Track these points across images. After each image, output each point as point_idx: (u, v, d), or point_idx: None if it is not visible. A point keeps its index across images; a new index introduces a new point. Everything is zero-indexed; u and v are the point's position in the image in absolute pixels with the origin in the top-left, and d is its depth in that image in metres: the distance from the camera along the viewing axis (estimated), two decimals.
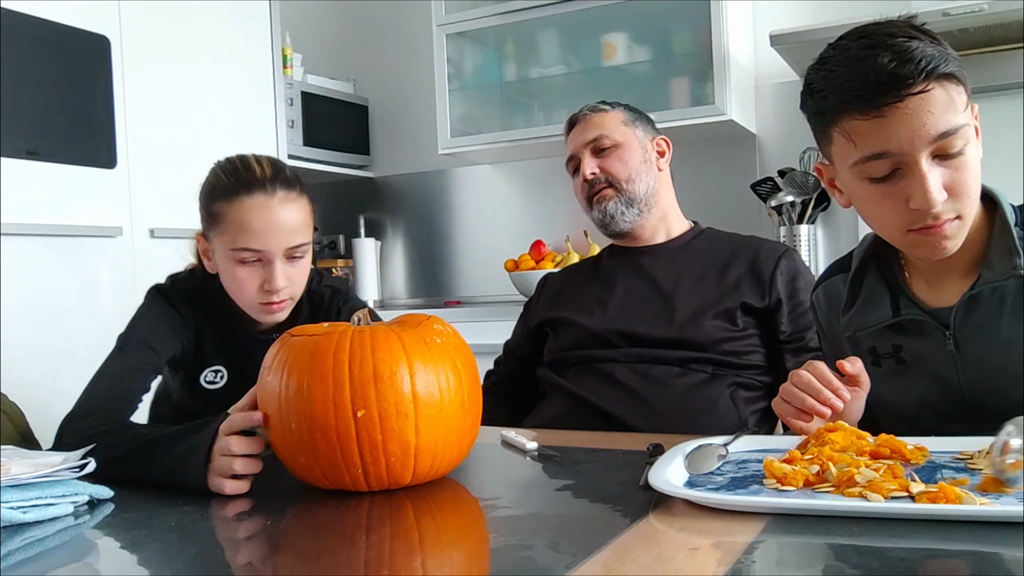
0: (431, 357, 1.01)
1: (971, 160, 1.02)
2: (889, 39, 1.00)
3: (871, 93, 0.99)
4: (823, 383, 1.04)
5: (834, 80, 1.02)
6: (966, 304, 1.09)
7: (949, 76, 0.99)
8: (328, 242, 3.72)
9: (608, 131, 1.69)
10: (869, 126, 1.01)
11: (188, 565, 0.80)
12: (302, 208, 1.38)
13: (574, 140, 1.73)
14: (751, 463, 0.99)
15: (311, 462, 0.99)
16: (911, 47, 0.98)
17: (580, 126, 1.73)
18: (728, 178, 3.01)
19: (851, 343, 1.21)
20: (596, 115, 1.72)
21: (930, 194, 0.99)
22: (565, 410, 1.57)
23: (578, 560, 0.72)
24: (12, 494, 0.93)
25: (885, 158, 1.01)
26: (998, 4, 2.25)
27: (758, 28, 2.97)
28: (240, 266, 1.33)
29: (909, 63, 0.97)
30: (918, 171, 1.00)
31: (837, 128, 1.04)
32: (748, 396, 1.54)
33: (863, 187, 1.06)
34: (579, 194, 1.73)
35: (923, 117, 0.98)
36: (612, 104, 1.74)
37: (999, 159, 2.65)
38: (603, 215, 1.68)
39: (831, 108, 1.04)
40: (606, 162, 1.68)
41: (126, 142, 2.57)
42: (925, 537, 0.74)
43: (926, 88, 0.98)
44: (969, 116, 1.02)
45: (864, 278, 1.20)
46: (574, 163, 1.73)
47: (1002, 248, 1.07)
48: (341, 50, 3.78)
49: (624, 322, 1.60)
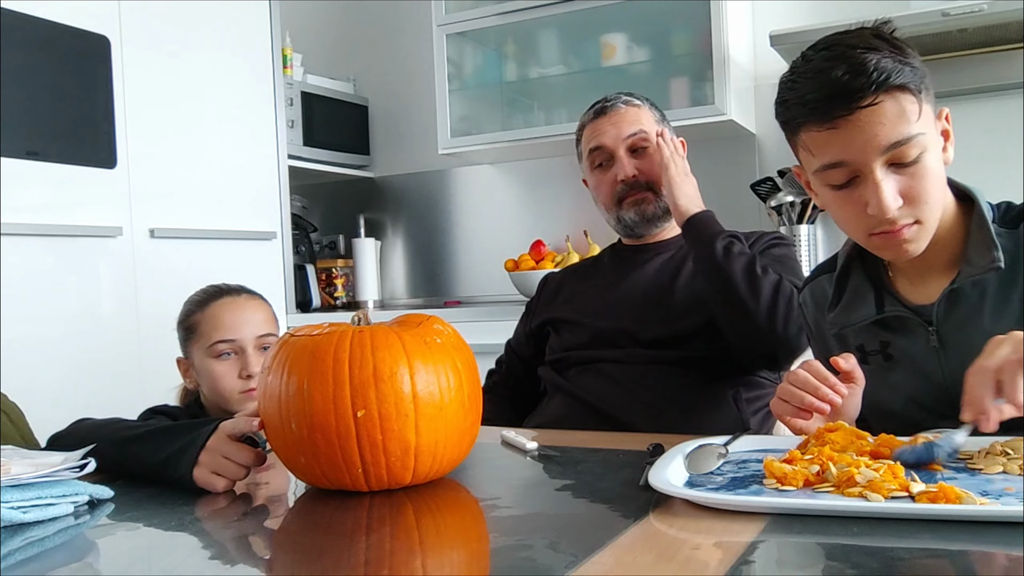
0: (431, 357, 1.01)
1: (929, 167, 1.05)
2: (849, 50, 1.04)
3: (824, 106, 1.03)
4: (819, 380, 1.04)
5: (797, 91, 1.07)
6: (948, 299, 1.11)
7: (901, 87, 1.02)
8: (328, 242, 3.72)
9: (646, 126, 1.62)
10: (825, 137, 1.05)
11: (188, 565, 0.80)
12: (267, 308, 1.56)
13: (607, 132, 1.63)
14: (751, 463, 0.99)
15: (311, 462, 0.99)
16: (866, 59, 1.02)
17: (613, 117, 1.64)
18: (728, 178, 3.01)
19: (838, 341, 1.23)
20: (631, 109, 1.64)
21: (883, 202, 1.04)
22: (566, 410, 1.57)
23: (578, 560, 0.72)
24: (12, 494, 0.93)
25: (842, 167, 1.06)
26: (998, 4, 2.25)
27: (758, 28, 2.97)
28: (217, 361, 1.47)
29: (861, 76, 1.01)
30: (872, 180, 1.04)
31: (800, 138, 1.10)
32: (749, 396, 1.54)
33: (826, 193, 1.11)
34: (606, 192, 1.65)
35: (874, 129, 1.02)
36: (641, 98, 1.68)
37: (999, 159, 2.66)
38: (640, 218, 1.63)
39: (793, 118, 1.09)
40: (645, 164, 1.62)
41: (126, 142, 2.57)
42: (925, 537, 0.74)
43: (875, 101, 1.01)
44: (927, 124, 1.05)
45: (849, 277, 1.22)
46: (602, 156, 1.64)
47: (980, 243, 1.09)
48: (341, 50, 3.78)
49: (625, 322, 1.59)
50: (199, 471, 1.04)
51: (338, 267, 3.58)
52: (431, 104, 3.29)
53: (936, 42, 2.53)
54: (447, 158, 3.39)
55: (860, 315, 1.19)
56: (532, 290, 1.88)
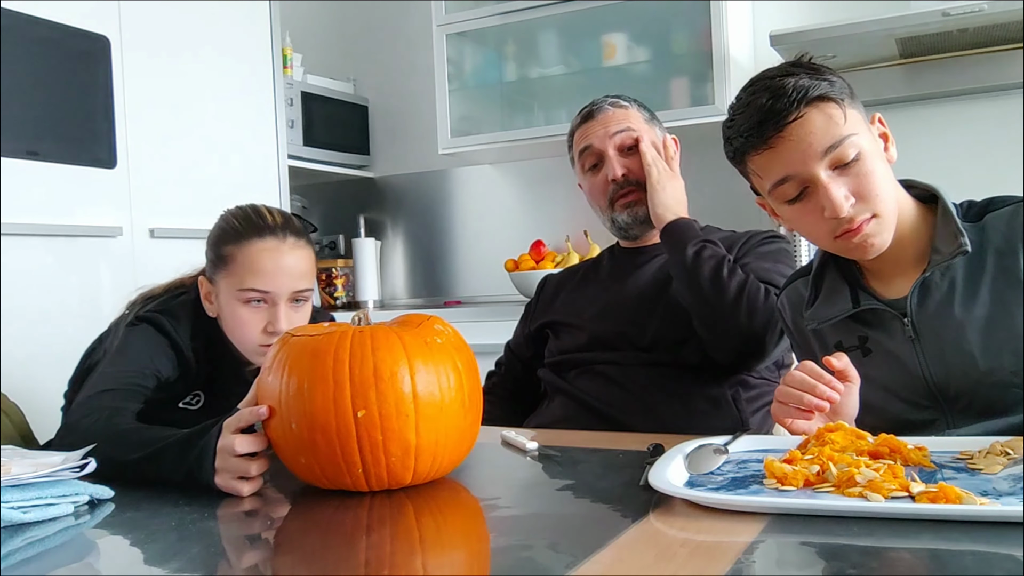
0: (432, 357, 1.01)
1: (871, 164, 1.13)
2: (768, 81, 1.15)
3: (758, 130, 1.14)
4: (816, 378, 1.05)
5: (734, 127, 1.18)
6: (920, 290, 1.16)
7: (821, 98, 1.12)
8: (328, 242, 3.72)
9: (634, 124, 1.62)
10: (766, 159, 1.15)
11: (188, 565, 0.80)
12: (309, 256, 1.42)
13: (595, 133, 1.63)
14: (751, 463, 0.99)
15: (311, 462, 0.99)
16: (784, 84, 1.12)
17: (600, 119, 1.64)
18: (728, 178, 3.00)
19: (816, 338, 1.27)
20: (618, 110, 1.64)
21: (835, 201, 1.11)
22: (567, 411, 1.57)
23: (578, 560, 0.72)
24: (12, 494, 0.93)
25: (789, 181, 1.14)
26: (998, 4, 2.25)
27: (758, 28, 2.97)
28: (245, 307, 1.36)
29: (782, 97, 1.12)
30: (820, 184, 1.12)
31: (748, 166, 1.20)
32: (749, 396, 1.54)
33: (785, 209, 1.19)
34: (598, 193, 1.65)
35: (807, 139, 1.11)
36: (628, 100, 1.68)
37: (999, 159, 2.66)
38: (633, 220, 1.63)
39: (737, 151, 1.19)
40: (634, 162, 1.62)
41: (126, 142, 2.57)
42: (925, 537, 0.74)
43: (800, 114, 1.11)
44: (857, 127, 1.13)
45: (824, 278, 1.28)
46: (592, 157, 1.65)
47: (947, 232, 1.15)
48: (341, 50, 3.78)
49: (623, 325, 1.59)
50: (220, 479, 1.02)
51: (338, 267, 3.58)
52: (431, 104, 3.29)
53: (936, 42, 2.53)
54: (447, 158, 3.39)
55: (836, 310, 1.23)
56: (532, 290, 1.88)
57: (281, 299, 1.36)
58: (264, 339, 1.36)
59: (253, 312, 1.37)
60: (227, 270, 1.38)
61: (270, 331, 1.36)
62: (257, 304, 1.36)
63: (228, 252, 1.38)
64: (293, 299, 1.38)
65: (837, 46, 2.52)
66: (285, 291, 1.36)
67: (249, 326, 1.37)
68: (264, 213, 1.41)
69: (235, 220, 1.41)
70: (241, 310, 1.36)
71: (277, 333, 1.34)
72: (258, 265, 1.35)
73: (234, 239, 1.38)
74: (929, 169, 1.34)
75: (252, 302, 1.36)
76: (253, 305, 1.36)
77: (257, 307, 1.36)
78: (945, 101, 2.76)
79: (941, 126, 2.74)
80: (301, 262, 1.40)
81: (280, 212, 1.43)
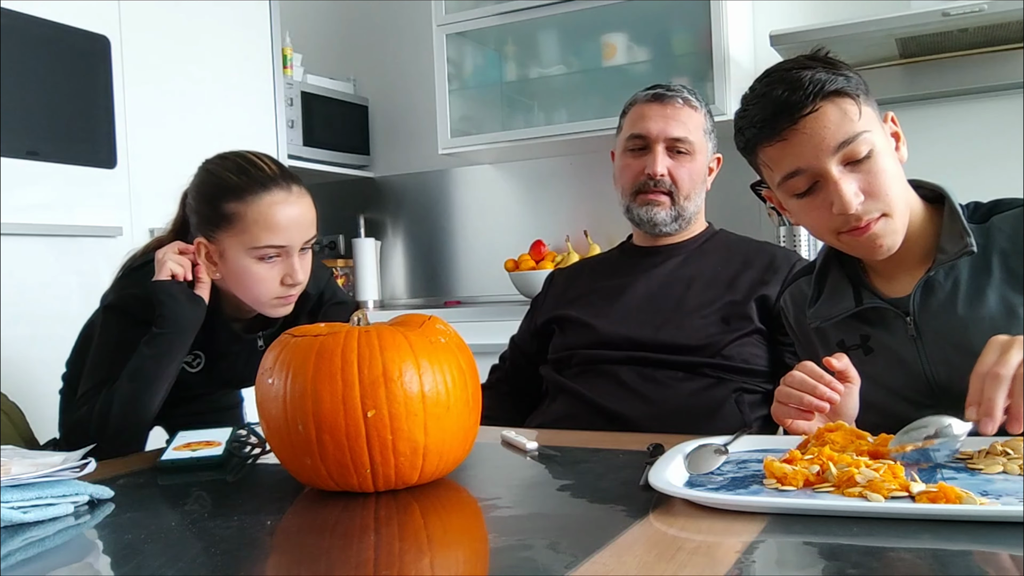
0: (437, 356, 1.01)
1: (883, 162, 1.12)
2: (785, 73, 1.14)
3: (771, 122, 1.13)
4: (816, 378, 1.05)
5: (747, 118, 1.17)
6: (923, 289, 1.16)
7: (837, 92, 1.11)
8: (328, 242, 3.72)
9: (693, 134, 1.60)
10: (778, 151, 1.14)
11: (188, 565, 0.80)
12: (311, 202, 1.41)
13: (655, 123, 1.59)
14: (751, 463, 0.99)
15: (318, 464, 0.98)
16: (801, 76, 1.11)
17: (667, 108, 1.60)
18: (728, 178, 3.00)
19: (819, 336, 1.27)
20: (687, 108, 1.61)
21: (844, 197, 1.10)
22: (569, 410, 1.56)
23: (578, 560, 0.72)
24: (12, 494, 0.93)
25: (800, 175, 1.13)
26: (998, 4, 2.25)
27: (758, 28, 2.97)
28: (260, 263, 1.35)
29: (799, 89, 1.10)
30: (831, 179, 1.11)
31: (758, 157, 1.19)
32: (752, 400, 1.53)
33: (793, 203, 1.18)
34: (626, 178, 1.63)
35: (820, 133, 1.10)
36: (700, 101, 1.64)
37: (999, 159, 2.66)
38: (648, 218, 1.62)
39: (749, 141, 1.18)
40: (677, 167, 1.60)
41: (126, 142, 2.57)
42: (925, 537, 0.74)
43: (815, 108, 1.10)
44: (871, 124, 1.12)
45: (827, 276, 1.27)
46: (640, 142, 1.60)
47: (953, 232, 1.15)
48: (341, 50, 3.78)
49: (631, 325, 1.58)
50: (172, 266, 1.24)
51: (338, 267, 3.58)
52: (431, 104, 3.29)
53: (936, 42, 2.53)
54: (447, 158, 3.39)
55: (840, 308, 1.23)
56: (532, 290, 1.88)
57: (295, 250, 1.36)
58: (283, 291, 1.37)
59: (269, 267, 1.35)
60: (234, 228, 1.34)
61: (288, 283, 1.36)
62: (272, 259, 1.35)
63: (232, 210, 1.33)
64: (303, 247, 1.38)
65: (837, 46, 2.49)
66: (300, 240, 1.36)
67: (267, 281, 1.36)
68: (258, 163, 1.37)
69: (230, 174, 1.36)
70: (256, 267, 1.35)
71: (296, 284, 1.36)
72: (272, 220, 1.32)
73: (235, 195, 1.33)
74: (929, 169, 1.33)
75: (268, 258, 1.34)
76: (268, 261, 1.35)
77: (273, 262, 1.35)
78: (945, 101, 2.76)
79: (941, 126, 2.74)
80: (309, 210, 1.38)
81: (271, 159, 1.40)
